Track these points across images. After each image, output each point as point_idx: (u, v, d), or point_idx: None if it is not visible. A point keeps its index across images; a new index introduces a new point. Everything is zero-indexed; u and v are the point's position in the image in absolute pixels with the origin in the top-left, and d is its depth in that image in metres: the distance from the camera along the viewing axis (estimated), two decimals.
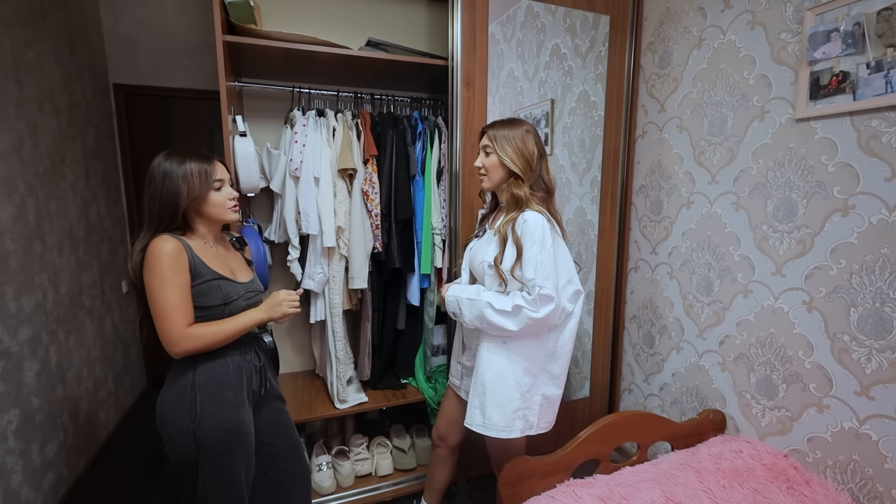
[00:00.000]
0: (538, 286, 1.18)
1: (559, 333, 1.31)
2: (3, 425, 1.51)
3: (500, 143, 1.26)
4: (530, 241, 1.19)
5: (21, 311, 1.64)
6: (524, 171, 1.26)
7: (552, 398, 1.34)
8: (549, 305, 1.19)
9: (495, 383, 1.26)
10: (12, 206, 1.63)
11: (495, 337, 1.27)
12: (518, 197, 1.24)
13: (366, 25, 1.98)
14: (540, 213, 1.22)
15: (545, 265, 1.19)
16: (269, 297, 1.19)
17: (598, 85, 2.12)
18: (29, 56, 1.80)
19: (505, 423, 1.26)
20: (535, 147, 1.28)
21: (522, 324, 1.19)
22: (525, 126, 1.31)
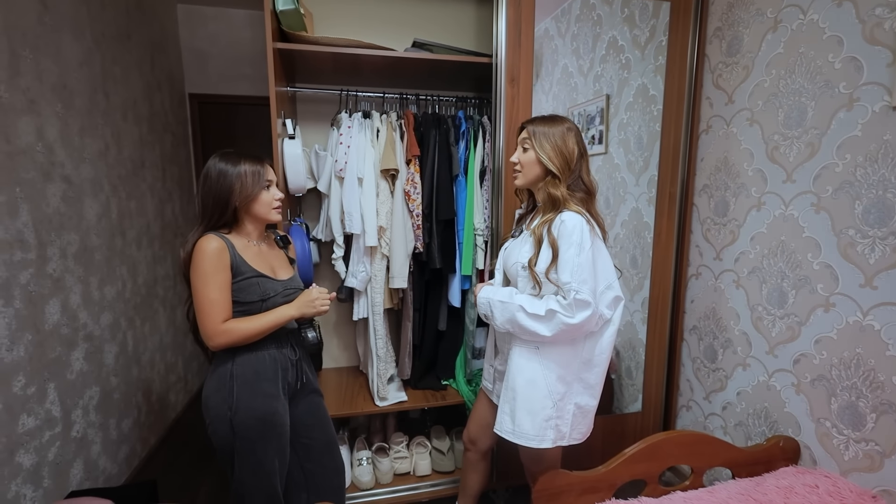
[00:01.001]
0: (574, 290, 1.11)
1: (596, 341, 1.23)
2: (86, 400, 1.69)
3: (539, 140, 1.21)
4: (567, 243, 1.13)
5: (103, 299, 1.84)
6: (562, 170, 1.20)
7: (586, 409, 1.26)
8: (586, 311, 1.12)
9: (526, 389, 1.21)
10: (98, 205, 1.83)
11: (527, 342, 1.22)
12: (555, 197, 1.18)
13: (416, 26, 1.99)
14: (579, 213, 1.15)
15: (582, 269, 1.12)
16: (302, 294, 1.23)
17: (657, 77, 1.98)
18: (116, 71, 2.00)
19: (536, 431, 1.21)
20: (575, 146, 1.22)
21: (556, 329, 1.13)
22: (566, 124, 1.24)
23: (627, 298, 2.22)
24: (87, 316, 1.72)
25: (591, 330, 1.20)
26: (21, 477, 1.35)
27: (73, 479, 1.59)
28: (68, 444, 1.58)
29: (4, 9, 1.37)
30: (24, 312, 1.40)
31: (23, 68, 1.43)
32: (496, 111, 1.65)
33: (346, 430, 2.10)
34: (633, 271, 2.17)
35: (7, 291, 1.33)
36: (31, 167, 1.45)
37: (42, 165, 1.50)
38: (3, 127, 1.34)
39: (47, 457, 1.47)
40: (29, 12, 1.47)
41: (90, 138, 1.79)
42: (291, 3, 1.52)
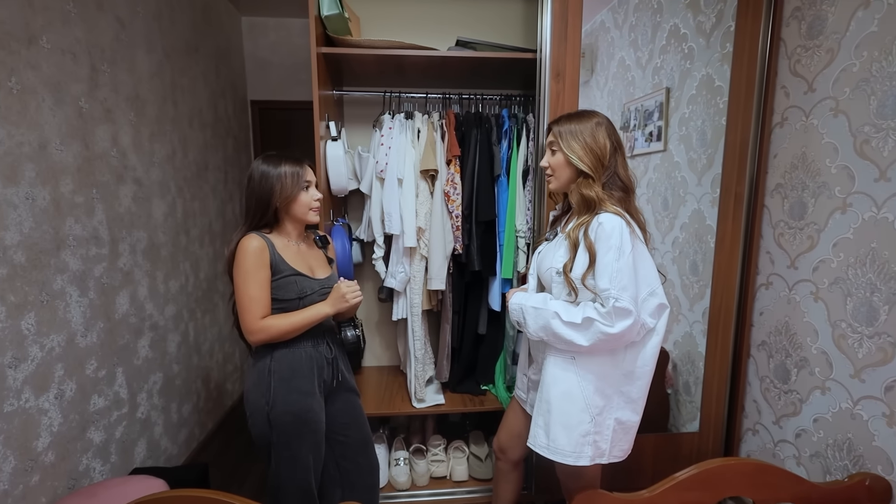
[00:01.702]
0: (613, 298, 1.03)
1: (638, 352, 1.13)
2: (150, 385, 1.84)
3: (566, 140, 1.14)
4: (605, 247, 1.05)
5: (168, 292, 1.99)
6: (594, 168, 1.12)
7: (628, 424, 1.16)
8: (626, 320, 1.03)
9: (562, 402, 1.14)
10: (165, 205, 1.98)
11: (563, 351, 1.15)
12: (589, 198, 1.11)
13: (463, 25, 1.97)
14: (617, 214, 1.07)
15: (622, 274, 1.03)
16: (332, 291, 1.23)
17: (724, 67, 1.81)
18: (183, 81, 2.17)
19: (572, 447, 1.13)
20: (606, 141, 1.13)
21: (594, 339, 1.05)
22: (595, 118, 1.16)
23: (686, 307, 2.05)
24: (152, 307, 1.86)
25: (633, 340, 1.10)
26: (91, 451, 1.49)
27: (137, 456, 1.73)
28: (134, 424, 1.72)
29: (87, 28, 1.51)
30: (97, 302, 1.54)
31: (101, 81, 1.58)
32: (540, 108, 1.58)
33: (387, 428, 2.12)
34: (693, 278, 2.00)
35: (83, 283, 1.47)
36: (107, 171, 1.60)
37: (116, 169, 1.65)
38: (82, 134, 1.49)
39: (115, 435, 1.61)
40: (108, 30, 1.63)
41: (159, 144, 1.94)
42: (336, 7, 1.55)
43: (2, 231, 1.19)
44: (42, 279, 1.31)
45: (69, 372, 1.40)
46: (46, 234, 1.33)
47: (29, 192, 1.27)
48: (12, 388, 1.20)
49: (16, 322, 1.22)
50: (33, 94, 1.29)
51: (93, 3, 1.55)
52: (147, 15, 1.87)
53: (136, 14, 1.80)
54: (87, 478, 1.46)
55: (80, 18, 1.48)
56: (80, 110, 1.47)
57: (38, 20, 1.31)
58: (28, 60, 1.28)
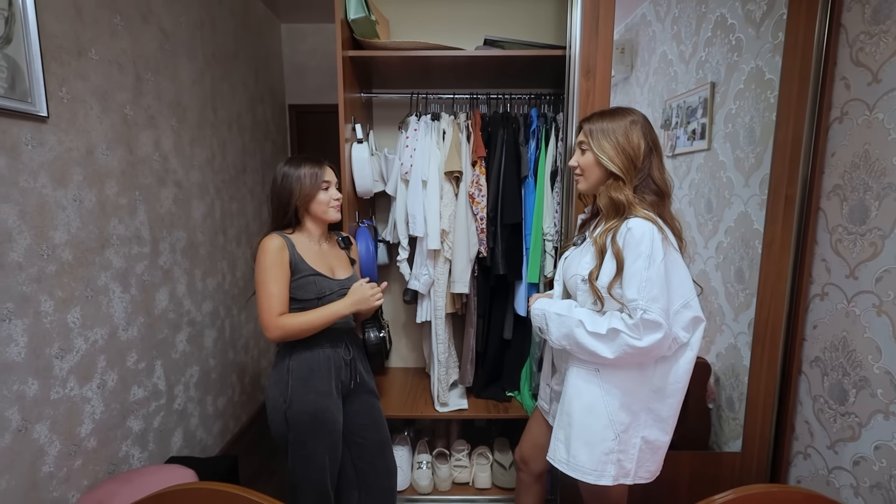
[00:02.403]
0: (641, 309, 0.96)
1: (670, 367, 1.05)
2: (187, 378, 1.93)
3: (597, 139, 1.08)
4: (634, 254, 0.98)
5: (205, 289, 2.08)
6: (625, 170, 1.05)
7: (656, 444, 1.08)
8: (656, 334, 0.96)
9: (584, 417, 1.08)
10: (204, 206, 2.08)
11: (586, 361, 1.09)
12: (618, 202, 1.04)
13: (492, 24, 1.93)
14: (648, 220, 1.00)
15: (652, 284, 0.96)
16: (351, 291, 1.23)
17: (775, 58, 1.67)
18: (223, 87, 2.26)
19: (594, 465, 1.07)
20: (641, 141, 1.06)
21: (620, 351, 0.99)
22: (630, 116, 1.09)
23: (730, 317, 1.92)
24: (190, 303, 1.96)
25: (664, 354, 1.03)
26: (130, 439, 1.58)
27: (173, 445, 1.82)
28: (171, 414, 1.81)
29: (132, 39, 1.61)
30: (138, 298, 1.63)
31: (145, 89, 1.67)
32: (569, 106, 1.52)
33: (412, 430, 2.12)
34: (739, 286, 1.86)
35: (125, 280, 1.56)
36: (149, 174, 1.69)
37: (158, 172, 1.74)
38: (127, 140, 1.58)
39: (153, 424, 1.70)
40: (152, 41, 1.72)
41: (199, 148, 2.04)
42: (362, 10, 1.56)
43: (51, 231, 1.27)
44: (87, 276, 1.40)
45: (111, 363, 1.49)
46: (92, 233, 1.42)
47: (76, 195, 1.36)
48: (58, 377, 1.29)
49: (63, 316, 1.31)
50: (82, 103, 1.38)
51: (138, 15, 1.64)
52: (189, 24, 1.97)
53: (179, 24, 1.89)
54: (126, 464, 1.55)
55: (126, 31, 1.57)
56: (124, 117, 1.56)
57: (87, 33, 1.40)
58: (78, 71, 1.37)
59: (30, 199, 1.21)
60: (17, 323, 1.17)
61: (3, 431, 1.13)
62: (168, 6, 1.82)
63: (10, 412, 1.15)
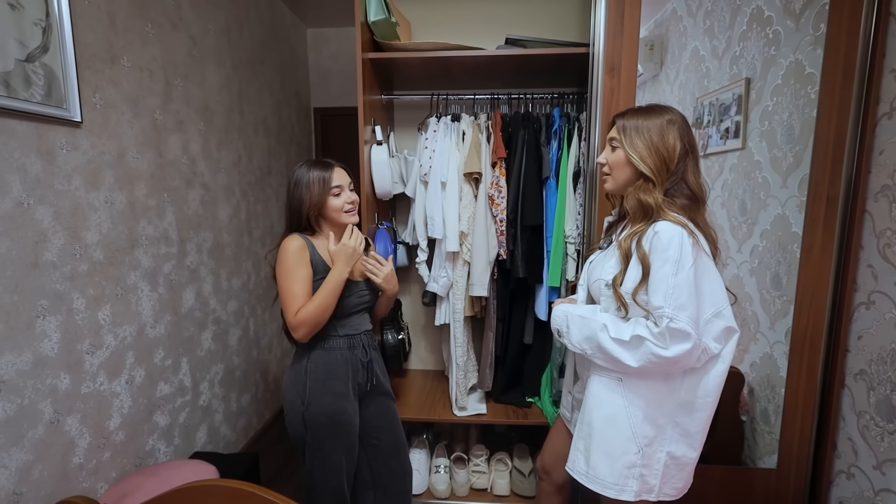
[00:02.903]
0: (668, 317, 0.91)
1: (699, 380, 1.00)
2: (212, 375, 1.98)
3: (630, 136, 1.03)
4: (661, 259, 0.93)
5: (230, 288, 2.13)
6: (657, 171, 1.00)
7: (682, 461, 1.02)
8: (684, 344, 0.91)
9: (605, 428, 1.03)
10: (230, 208, 2.13)
11: (608, 369, 1.04)
12: (646, 205, 0.99)
13: (515, 24, 1.90)
14: (678, 224, 0.95)
15: (680, 291, 0.91)
16: (334, 252, 1.20)
17: (817, 51, 1.58)
18: (250, 91, 2.32)
19: (614, 479, 1.02)
20: (676, 142, 1.00)
21: (644, 360, 0.94)
22: (668, 115, 1.03)
23: (766, 325, 1.82)
24: (216, 302, 2.01)
25: (692, 366, 0.97)
26: (157, 434, 1.63)
27: (198, 440, 1.87)
28: (196, 410, 1.86)
29: (163, 47, 1.66)
30: (165, 297, 1.68)
31: (174, 94, 1.73)
32: (592, 105, 1.47)
33: (430, 433, 2.10)
34: (775, 293, 1.77)
35: (153, 279, 1.62)
36: (177, 176, 1.75)
37: (185, 175, 1.80)
38: (156, 144, 1.63)
39: (178, 419, 1.75)
40: (181, 48, 1.77)
41: (226, 151, 2.09)
42: (382, 12, 1.56)
43: (84, 231, 1.33)
44: (117, 275, 1.45)
45: (139, 360, 1.54)
46: (122, 234, 1.47)
47: (108, 196, 1.41)
48: (89, 371, 1.34)
49: (93, 313, 1.36)
50: (114, 109, 1.44)
51: (168, 23, 1.69)
52: (218, 31, 2.02)
53: (208, 31, 1.95)
54: (152, 457, 1.60)
55: (156, 38, 1.63)
56: (154, 122, 1.62)
57: (119, 42, 1.46)
58: (110, 78, 1.42)
59: (64, 201, 1.26)
60: (50, 319, 1.22)
61: (36, 423, 1.18)
62: (197, 14, 1.87)
63: (43, 405, 1.20)
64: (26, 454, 1.16)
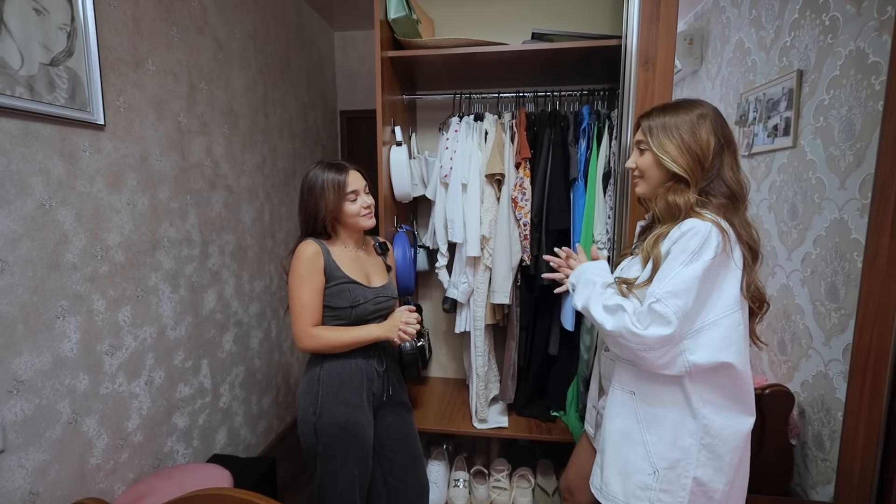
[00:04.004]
0: (655, 298, 0.84)
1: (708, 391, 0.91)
2: (233, 377, 1.98)
3: (657, 137, 0.95)
4: (679, 249, 0.86)
5: (253, 291, 2.14)
6: (690, 171, 0.92)
7: (710, 489, 0.91)
8: (661, 329, 0.83)
9: (618, 442, 0.97)
10: (253, 210, 2.14)
11: (622, 385, 0.98)
12: (674, 206, 0.91)
13: (544, 19, 1.82)
14: (713, 222, 0.85)
15: (680, 280, 0.84)
16: (391, 317, 1.19)
17: (884, 37, 1.43)
18: (275, 94, 2.33)
19: (626, 497, 0.95)
20: (710, 137, 0.92)
21: (617, 329, 0.89)
22: (698, 109, 0.95)
23: (819, 341, 1.66)
24: (237, 305, 2.01)
25: (661, 366, 0.88)
26: (176, 435, 1.63)
27: (217, 443, 1.87)
28: (215, 412, 1.86)
29: (188, 51, 1.68)
30: (187, 299, 1.69)
31: (198, 98, 1.74)
32: (624, 102, 1.37)
33: (450, 444, 2.03)
34: (831, 305, 1.60)
35: (175, 281, 1.62)
36: (200, 179, 1.76)
37: (209, 177, 1.81)
38: (180, 146, 1.64)
39: (198, 421, 1.75)
40: (207, 51, 1.79)
41: (250, 153, 2.10)
42: (403, 9, 1.52)
43: (105, 233, 1.34)
44: (138, 276, 1.46)
45: (159, 361, 1.55)
46: (144, 236, 1.48)
47: (130, 199, 1.42)
48: (108, 372, 1.35)
49: (114, 314, 1.37)
50: (138, 112, 1.45)
51: (194, 27, 1.71)
52: (244, 35, 2.04)
53: (234, 35, 1.96)
54: (171, 459, 1.60)
55: (182, 42, 1.64)
56: (178, 124, 1.63)
57: (144, 45, 1.47)
58: (135, 81, 1.44)
59: (86, 203, 1.28)
60: (70, 320, 1.23)
61: (54, 423, 1.19)
62: (223, 18, 1.89)
63: (61, 405, 1.21)
64: (43, 454, 1.16)
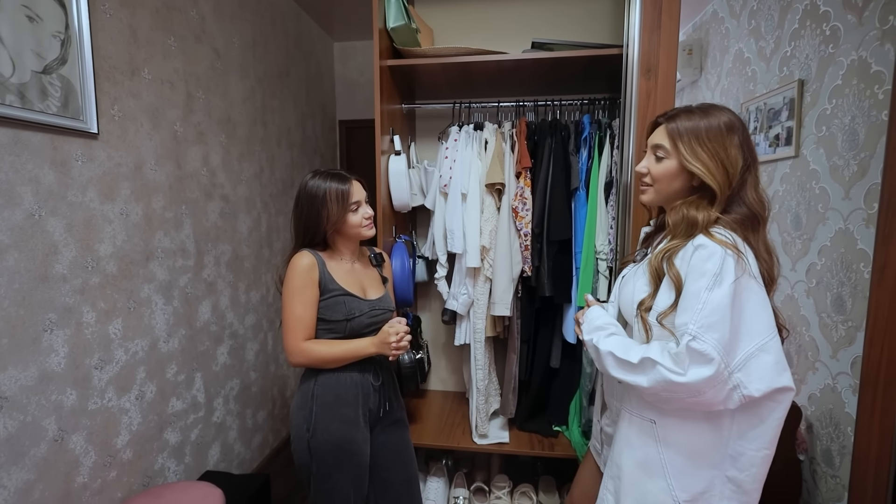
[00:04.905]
0: (690, 335, 0.77)
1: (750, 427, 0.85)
2: (227, 390, 1.93)
3: (689, 144, 0.87)
4: (699, 272, 0.80)
5: (249, 302, 2.10)
6: (723, 187, 0.85)
7: None
8: (703, 368, 0.76)
9: (636, 473, 0.90)
10: (250, 220, 2.11)
11: (639, 412, 0.91)
12: (692, 221, 0.85)
13: (543, 28, 1.81)
14: (721, 243, 0.81)
15: (712, 308, 0.77)
16: (381, 332, 1.14)
17: (885, 47, 1.42)
18: (273, 104, 2.31)
19: None
20: (739, 154, 0.85)
21: (653, 382, 0.81)
22: (725, 116, 0.88)
23: (826, 353, 1.63)
24: (233, 316, 1.97)
25: (718, 405, 0.81)
26: (167, 451, 1.59)
27: (210, 458, 1.82)
28: (209, 427, 1.81)
29: (185, 59, 1.66)
30: (181, 311, 1.65)
31: (195, 107, 1.72)
32: (625, 111, 1.35)
33: (450, 459, 1.98)
34: (838, 317, 1.58)
35: (168, 292, 1.59)
36: (196, 188, 1.73)
37: (205, 187, 1.78)
38: (176, 156, 1.62)
39: (190, 437, 1.70)
40: (204, 60, 1.77)
41: (247, 163, 2.08)
42: (402, 18, 1.51)
43: (97, 243, 1.31)
44: (130, 288, 1.42)
45: (150, 375, 1.51)
46: (137, 246, 1.45)
47: (123, 208, 1.40)
48: (97, 387, 1.31)
49: (104, 327, 1.33)
50: (133, 120, 1.43)
51: (192, 36, 1.70)
52: (242, 44, 2.03)
53: (232, 44, 1.95)
54: (161, 476, 1.55)
55: (179, 51, 1.63)
56: (174, 133, 1.61)
57: (141, 54, 1.46)
58: (130, 90, 1.42)
59: (77, 213, 1.25)
60: (58, 333, 1.20)
61: (38, 441, 1.15)
62: (222, 27, 1.88)
63: (46, 422, 1.17)
64: (27, 473, 1.12)
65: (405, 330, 1.12)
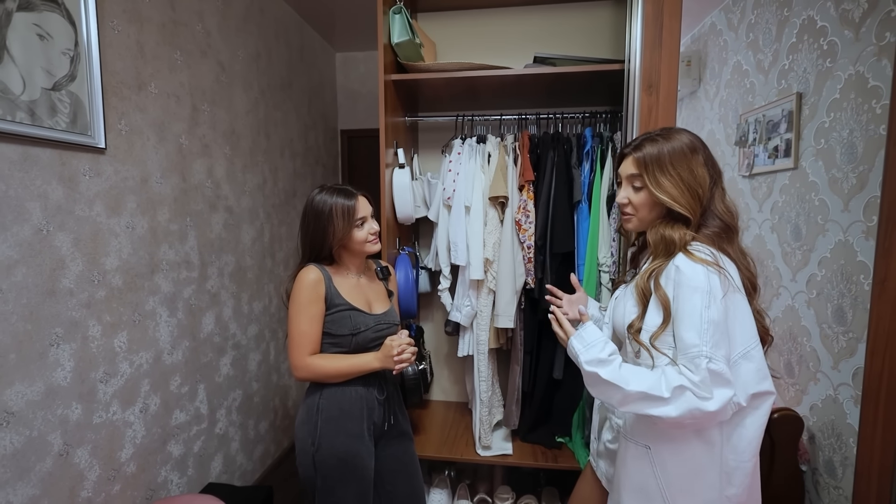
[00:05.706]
0: (706, 357, 0.79)
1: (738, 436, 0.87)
2: (229, 401, 1.93)
3: (653, 175, 0.90)
4: (689, 289, 0.82)
5: (251, 312, 2.10)
6: (692, 209, 0.89)
7: None
8: (726, 390, 0.79)
9: (634, 498, 0.91)
10: (253, 230, 2.12)
11: (635, 434, 0.92)
12: (670, 240, 0.88)
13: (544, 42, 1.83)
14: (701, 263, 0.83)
15: (715, 328, 0.80)
16: (384, 345, 1.14)
17: (882, 62, 1.45)
18: (276, 115, 2.33)
19: None
20: (705, 172, 0.90)
21: (683, 412, 0.80)
22: (685, 138, 0.91)
23: (827, 364, 1.64)
24: (236, 327, 1.98)
25: (718, 421, 0.84)
26: (170, 464, 1.58)
27: (213, 470, 1.81)
28: (212, 439, 1.81)
29: (191, 73, 1.68)
30: (184, 322, 1.65)
31: (200, 119, 1.74)
32: (627, 125, 1.37)
33: (452, 470, 1.98)
34: (839, 328, 1.59)
35: (173, 304, 1.59)
36: (201, 200, 1.74)
37: (209, 199, 1.79)
38: (181, 168, 1.63)
39: (193, 449, 1.70)
40: (209, 73, 1.79)
41: (251, 174, 2.09)
42: (406, 34, 1.53)
43: (103, 257, 1.32)
44: (135, 301, 1.43)
45: (154, 387, 1.51)
46: (142, 259, 1.46)
47: (129, 222, 1.40)
48: (102, 401, 1.31)
49: (109, 340, 1.34)
50: (139, 134, 1.44)
51: (197, 51, 1.72)
52: (247, 57, 2.05)
53: (237, 58, 1.97)
54: (164, 489, 1.55)
55: (185, 65, 1.65)
56: (180, 146, 1.62)
57: (147, 69, 1.47)
58: (137, 104, 1.43)
59: (84, 228, 1.25)
60: (64, 348, 1.20)
61: (44, 455, 1.15)
62: (227, 41, 1.90)
63: (52, 436, 1.17)
64: (32, 489, 1.12)
65: (407, 342, 1.13)
